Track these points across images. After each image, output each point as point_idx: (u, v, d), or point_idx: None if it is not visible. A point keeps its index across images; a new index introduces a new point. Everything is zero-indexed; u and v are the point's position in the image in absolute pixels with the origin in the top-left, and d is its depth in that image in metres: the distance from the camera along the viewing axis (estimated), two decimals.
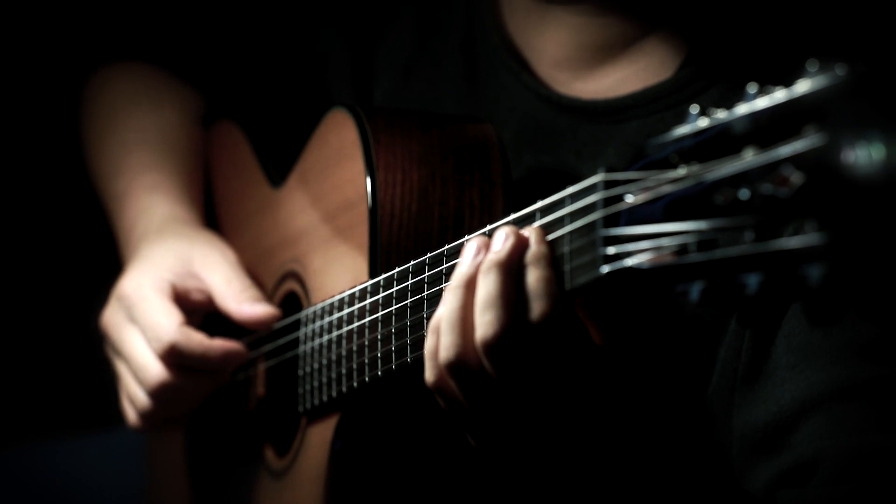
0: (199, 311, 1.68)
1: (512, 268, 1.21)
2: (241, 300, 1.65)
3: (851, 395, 1.30)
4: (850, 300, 0.98)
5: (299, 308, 1.62)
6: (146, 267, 1.68)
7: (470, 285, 1.23)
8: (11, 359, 2.31)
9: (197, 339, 1.62)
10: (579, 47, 1.55)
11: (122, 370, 1.68)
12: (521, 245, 1.21)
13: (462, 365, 1.23)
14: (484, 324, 1.21)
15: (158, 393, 1.64)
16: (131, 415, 1.69)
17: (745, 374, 1.37)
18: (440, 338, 1.25)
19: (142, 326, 1.64)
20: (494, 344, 1.21)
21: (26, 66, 2.17)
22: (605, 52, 1.54)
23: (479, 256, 1.23)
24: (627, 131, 1.52)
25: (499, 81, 1.62)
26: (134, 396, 1.66)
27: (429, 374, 1.28)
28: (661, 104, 1.51)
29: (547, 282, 1.19)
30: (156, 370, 1.63)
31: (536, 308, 1.19)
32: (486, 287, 1.21)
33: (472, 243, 1.25)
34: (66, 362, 2.28)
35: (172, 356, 1.61)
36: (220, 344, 1.63)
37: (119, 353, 1.68)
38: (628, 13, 1.52)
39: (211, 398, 1.72)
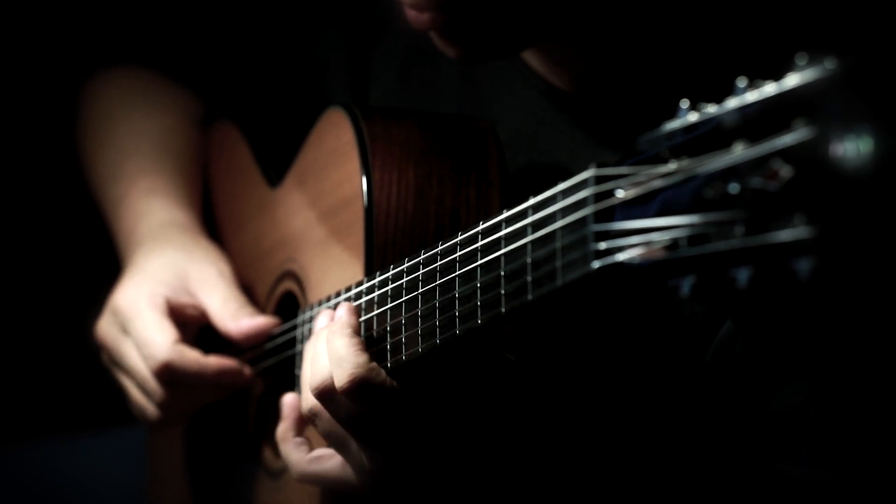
0: (192, 325, 1.68)
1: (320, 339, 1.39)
2: (238, 317, 1.66)
3: (849, 402, 1.30)
4: (840, 295, 0.97)
5: (297, 308, 1.62)
6: (141, 279, 1.68)
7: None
8: (11, 359, 2.31)
9: (191, 358, 1.63)
10: (577, 49, 1.54)
11: (126, 382, 1.68)
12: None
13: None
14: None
15: (161, 405, 1.64)
16: (144, 420, 1.70)
17: (737, 373, 1.37)
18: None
19: (136, 342, 1.64)
20: (321, 389, 1.37)
21: (22, 70, 2.17)
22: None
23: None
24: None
25: (500, 80, 1.61)
26: (142, 408, 1.67)
27: None
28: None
29: (342, 348, 1.34)
30: (153, 387, 1.63)
31: (336, 371, 1.34)
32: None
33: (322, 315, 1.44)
34: (65, 363, 2.28)
35: (167, 374, 1.62)
36: (214, 361, 1.64)
37: (119, 366, 1.68)
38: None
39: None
